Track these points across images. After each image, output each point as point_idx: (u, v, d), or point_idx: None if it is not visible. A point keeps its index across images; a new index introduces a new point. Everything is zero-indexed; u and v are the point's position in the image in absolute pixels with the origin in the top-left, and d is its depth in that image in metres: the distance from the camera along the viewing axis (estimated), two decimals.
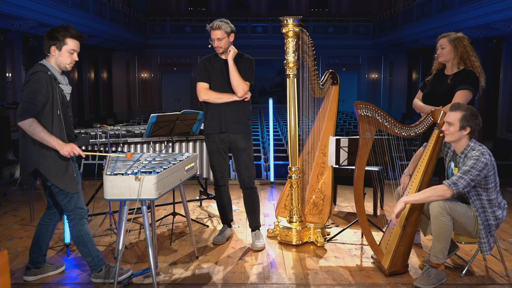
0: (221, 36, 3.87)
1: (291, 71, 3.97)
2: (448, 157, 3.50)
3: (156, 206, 5.08)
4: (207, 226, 4.66)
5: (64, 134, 3.16)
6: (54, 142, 3.07)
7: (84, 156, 3.21)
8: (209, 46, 3.98)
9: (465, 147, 3.30)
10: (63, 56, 3.17)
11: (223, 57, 3.98)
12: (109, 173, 2.92)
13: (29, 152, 3.14)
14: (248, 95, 3.98)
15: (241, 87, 3.89)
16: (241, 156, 4.04)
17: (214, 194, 5.08)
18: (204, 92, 3.99)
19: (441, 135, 3.45)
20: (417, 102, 4.02)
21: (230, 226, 4.36)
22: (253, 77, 4.00)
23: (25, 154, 3.17)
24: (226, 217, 4.31)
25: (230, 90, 3.94)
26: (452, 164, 3.42)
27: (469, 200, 3.32)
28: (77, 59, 3.24)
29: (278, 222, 4.29)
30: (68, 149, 3.10)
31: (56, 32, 3.15)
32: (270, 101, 6.54)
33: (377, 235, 3.93)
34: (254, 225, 4.18)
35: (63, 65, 3.19)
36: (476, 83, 3.77)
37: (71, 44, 3.18)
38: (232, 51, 3.92)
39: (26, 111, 3.01)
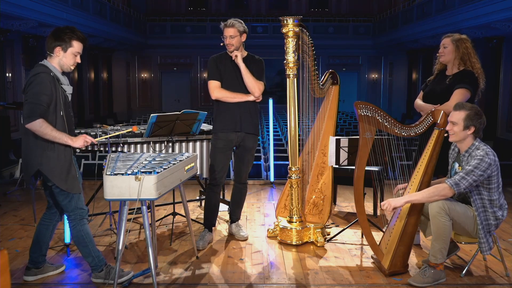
0: (233, 34, 3.94)
1: (291, 71, 3.98)
2: (452, 158, 3.50)
3: (156, 206, 5.08)
4: None
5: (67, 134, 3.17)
6: (65, 138, 3.11)
7: (96, 143, 3.30)
8: (221, 44, 4.04)
9: (469, 146, 3.29)
10: (68, 58, 3.17)
11: (232, 55, 3.99)
12: (109, 173, 2.92)
13: (32, 154, 3.14)
14: (261, 96, 4.06)
15: (257, 88, 3.99)
16: (247, 155, 4.13)
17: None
18: (218, 90, 4.02)
19: (445, 135, 3.44)
20: (418, 101, 4.05)
21: (211, 230, 4.24)
22: (264, 77, 4.10)
23: (27, 156, 3.17)
24: (212, 221, 4.21)
25: (242, 89, 4.01)
26: (456, 165, 3.41)
27: (470, 199, 3.31)
28: (79, 61, 3.24)
29: (278, 222, 4.29)
30: (81, 141, 3.14)
31: (63, 34, 3.13)
32: (270, 101, 6.54)
33: (377, 235, 3.93)
34: (237, 217, 4.36)
35: (66, 67, 3.19)
36: (474, 83, 3.77)
37: (77, 46, 3.18)
38: (239, 54, 3.96)
39: (33, 113, 3.00)
